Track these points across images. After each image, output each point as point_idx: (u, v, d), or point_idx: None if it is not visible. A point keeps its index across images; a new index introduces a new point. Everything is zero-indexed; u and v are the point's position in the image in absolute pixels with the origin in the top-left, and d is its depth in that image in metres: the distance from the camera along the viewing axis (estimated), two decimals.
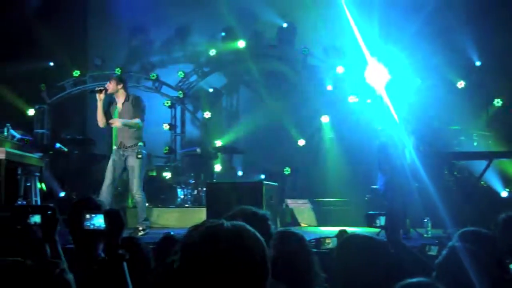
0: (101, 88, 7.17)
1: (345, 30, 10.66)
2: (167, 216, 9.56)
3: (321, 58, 11.81)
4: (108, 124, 7.27)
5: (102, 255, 2.74)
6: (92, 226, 2.69)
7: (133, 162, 7.05)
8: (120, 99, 7.21)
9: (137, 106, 7.21)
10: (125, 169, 7.21)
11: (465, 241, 2.72)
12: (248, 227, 1.60)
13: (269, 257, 1.58)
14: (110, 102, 7.33)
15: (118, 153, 7.13)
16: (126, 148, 7.10)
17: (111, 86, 7.16)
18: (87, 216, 2.70)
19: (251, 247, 1.53)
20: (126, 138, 7.14)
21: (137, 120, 7.22)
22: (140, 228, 7.12)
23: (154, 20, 12.36)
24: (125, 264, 2.50)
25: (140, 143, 7.11)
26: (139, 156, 7.00)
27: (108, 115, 7.22)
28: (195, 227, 1.58)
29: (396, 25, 10.62)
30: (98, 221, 2.67)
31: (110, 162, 7.16)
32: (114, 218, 2.55)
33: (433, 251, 4.85)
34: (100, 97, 7.10)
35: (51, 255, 2.57)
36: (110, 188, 7.04)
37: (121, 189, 9.29)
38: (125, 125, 7.17)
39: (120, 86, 7.17)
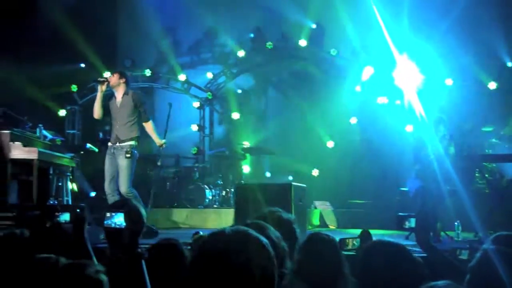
0: (104, 79, 7.22)
1: (374, 30, 10.56)
2: (196, 217, 9.60)
3: (349, 58, 11.73)
4: (103, 116, 7.31)
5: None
6: (113, 225, 2.70)
7: (122, 161, 6.98)
8: (119, 93, 7.20)
9: (141, 103, 7.23)
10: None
11: (499, 245, 2.65)
12: (251, 231, 1.60)
13: (274, 261, 1.57)
14: (108, 95, 7.34)
15: (110, 151, 7.12)
16: (119, 142, 7.06)
17: (113, 79, 7.17)
18: (108, 214, 2.70)
19: (252, 250, 1.54)
20: (121, 131, 7.10)
21: (152, 124, 7.38)
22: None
23: (183, 21, 12.45)
24: (143, 263, 2.49)
25: (132, 142, 7.07)
26: (128, 155, 6.94)
27: (106, 108, 7.25)
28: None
29: (427, 23, 10.47)
30: (119, 219, 2.67)
31: (106, 159, 7.15)
32: (134, 217, 2.55)
33: (464, 255, 4.76)
34: (102, 88, 7.15)
35: (81, 253, 2.59)
36: (112, 185, 7.00)
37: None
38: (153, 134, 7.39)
39: (122, 81, 7.18)
